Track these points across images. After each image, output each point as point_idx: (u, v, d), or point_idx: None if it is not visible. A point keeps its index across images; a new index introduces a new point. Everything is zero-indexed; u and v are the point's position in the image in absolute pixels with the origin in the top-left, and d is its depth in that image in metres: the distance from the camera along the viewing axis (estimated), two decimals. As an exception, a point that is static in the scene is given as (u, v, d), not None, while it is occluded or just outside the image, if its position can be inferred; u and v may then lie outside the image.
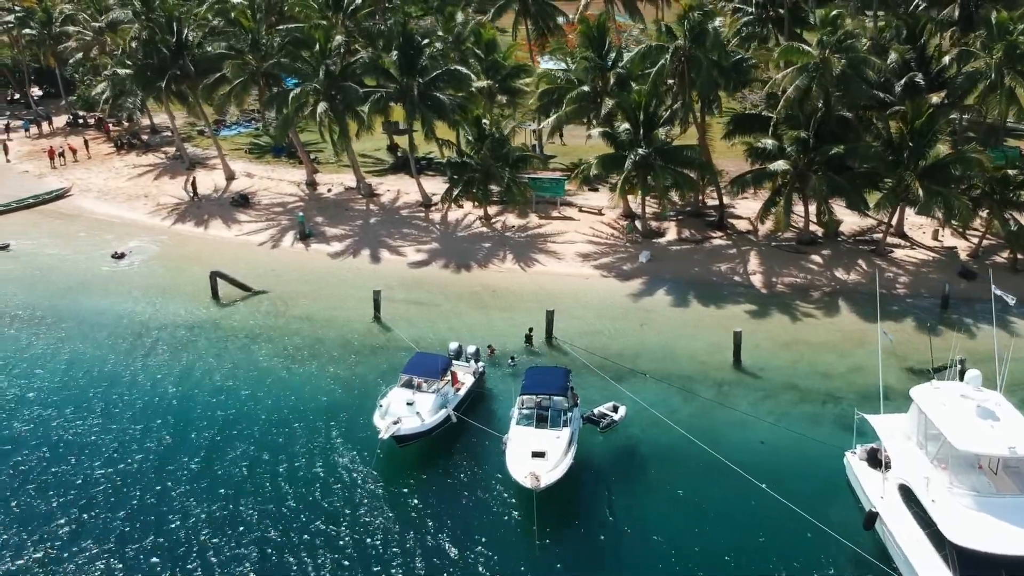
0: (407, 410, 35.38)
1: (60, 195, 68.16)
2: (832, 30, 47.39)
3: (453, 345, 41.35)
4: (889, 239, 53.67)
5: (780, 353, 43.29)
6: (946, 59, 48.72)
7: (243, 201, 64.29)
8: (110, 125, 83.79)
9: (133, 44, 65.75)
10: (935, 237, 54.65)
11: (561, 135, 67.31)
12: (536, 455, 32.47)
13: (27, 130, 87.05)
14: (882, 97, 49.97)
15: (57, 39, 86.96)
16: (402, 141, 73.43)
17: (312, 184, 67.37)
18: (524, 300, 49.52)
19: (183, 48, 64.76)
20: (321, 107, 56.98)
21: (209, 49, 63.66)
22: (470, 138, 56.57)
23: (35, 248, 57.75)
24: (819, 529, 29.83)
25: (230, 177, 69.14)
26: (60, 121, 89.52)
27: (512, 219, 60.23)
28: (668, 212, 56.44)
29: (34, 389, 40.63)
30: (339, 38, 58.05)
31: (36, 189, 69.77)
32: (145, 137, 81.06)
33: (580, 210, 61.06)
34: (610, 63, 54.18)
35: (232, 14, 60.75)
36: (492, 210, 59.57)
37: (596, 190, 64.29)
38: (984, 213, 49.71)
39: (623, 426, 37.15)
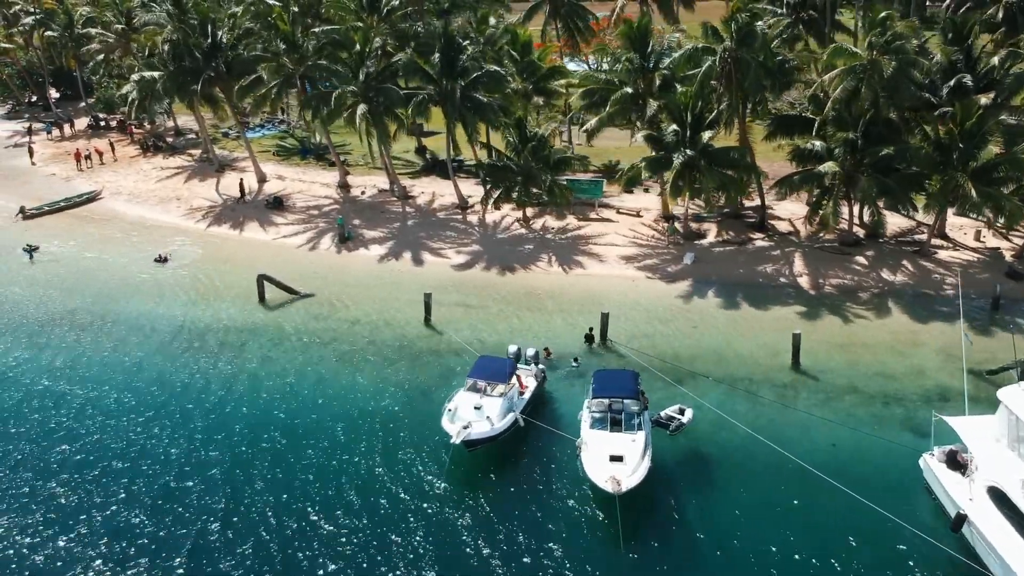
0: (475, 414, 35.25)
1: (91, 198, 67.94)
2: (881, 32, 47.31)
3: (512, 348, 41.19)
4: (931, 240, 53.67)
5: (836, 355, 43.20)
6: (995, 60, 48.60)
7: (278, 204, 64.09)
8: (133, 127, 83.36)
9: (165, 46, 65.24)
10: (977, 238, 54.70)
11: (590, 137, 67.20)
12: (614, 459, 32.36)
13: (49, 132, 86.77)
14: (928, 98, 49.88)
15: (78, 41, 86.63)
16: (430, 143, 73.53)
17: (345, 186, 67.20)
18: (572, 302, 49.43)
19: (216, 50, 64.47)
20: (361, 109, 56.78)
21: (243, 52, 63.30)
22: (510, 139, 56.32)
23: (75, 251, 57.54)
24: (905, 531, 29.83)
25: (261, 179, 68.94)
26: (81, 124, 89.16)
27: (550, 221, 60.21)
28: (708, 213, 56.23)
29: (100, 395, 40.42)
30: (378, 40, 57.86)
31: (65, 192, 69.66)
32: (170, 139, 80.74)
33: (618, 212, 61.01)
34: (652, 64, 53.90)
35: (270, 17, 60.29)
36: (530, 212, 59.49)
37: (631, 192, 64.47)
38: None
39: (690, 428, 37.01)
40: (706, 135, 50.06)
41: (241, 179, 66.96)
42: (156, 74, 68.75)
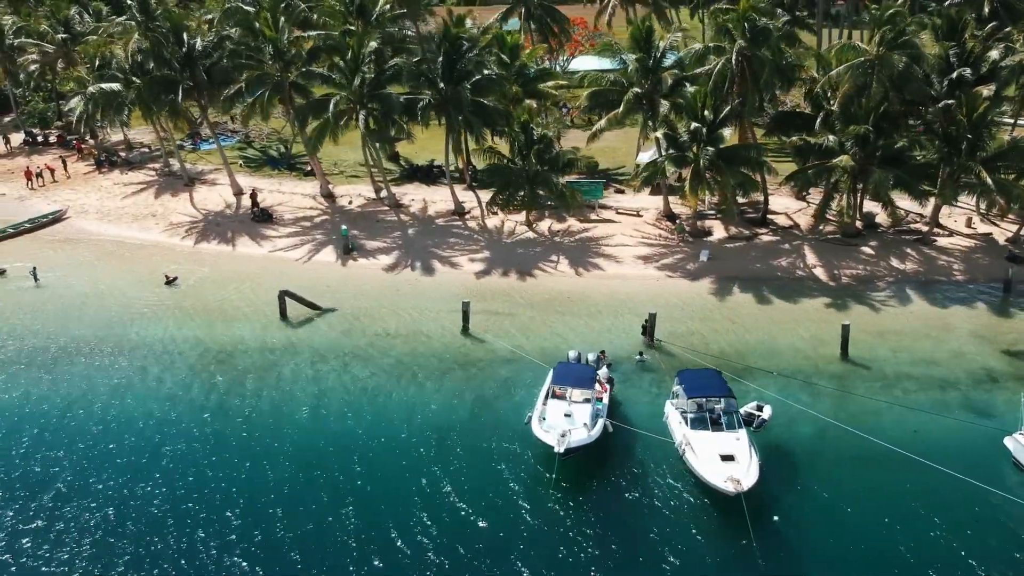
0: (568, 422, 34.63)
1: (56, 218, 63.87)
2: (892, 27, 48.85)
3: (572, 353, 40.73)
4: (926, 228, 55.72)
5: (877, 343, 44.28)
6: (993, 53, 50.81)
7: (266, 216, 61.62)
8: (80, 143, 78.74)
9: (137, 56, 61.92)
10: (968, 225, 57.07)
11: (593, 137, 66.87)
12: (725, 458, 32.32)
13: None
14: (929, 92, 51.77)
15: (9, 53, 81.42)
16: (402, 149, 71.94)
17: (329, 196, 65.18)
18: (602, 304, 49.28)
19: (191, 59, 61.54)
20: (362, 116, 55.19)
21: (225, 60, 60.57)
22: (517, 142, 55.70)
23: (61, 277, 53.74)
24: (1015, 505, 30.71)
25: (238, 193, 66.16)
26: (15, 140, 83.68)
27: (553, 224, 59.80)
28: (721, 211, 56.92)
29: (139, 424, 37.97)
30: (373, 44, 56.28)
31: (22, 213, 65.33)
32: (123, 154, 76.68)
33: (617, 212, 61.11)
34: (659, 64, 54.20)
35: (256, 23, 57.88)
36: (530, 215, 59.00)
37: (623, 192, 64.79)
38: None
39: (771, 424, 37.23)
40: (727, 132, 50.58)
41: (253, 190, 64.02)
42: (115, 86, 65.41)
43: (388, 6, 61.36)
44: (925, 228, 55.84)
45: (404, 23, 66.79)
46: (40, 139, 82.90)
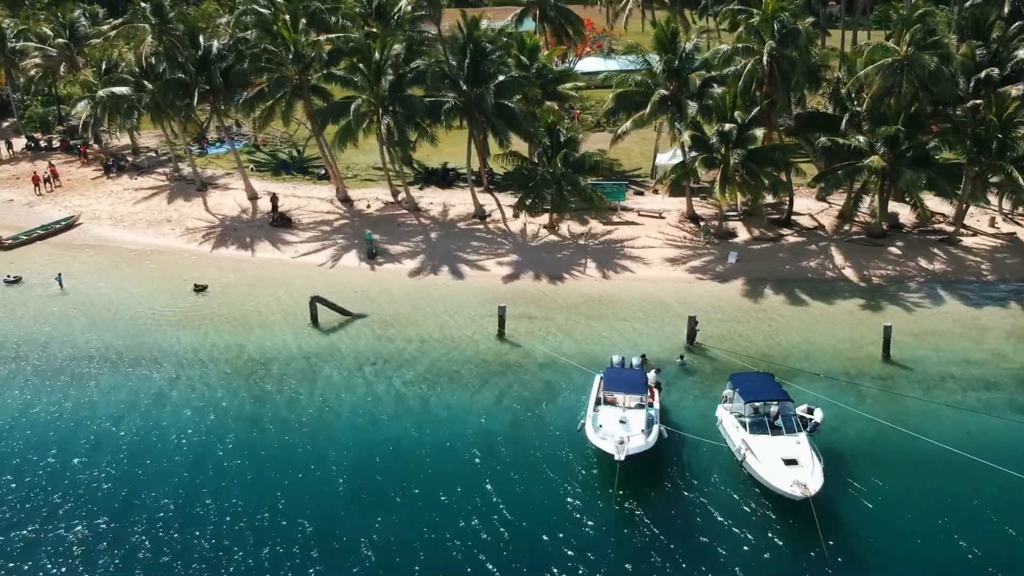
0: (624, 428, 34.21)
1: (69, 224, 62.85)
2: (921, 27, 48.84)
3: (616, 358, 40.33)
4: (950, 228, 55.79)
5: (915, 344, 44.17)
6: (1021, 52, 50.89)
7: (285, 221, 60.89)
8: (86, 148, 77.58)
9: (152, 59, 61.07)
10: (991, 224, 57.20)
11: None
12: (789, 463, 32.05)
13: (-18, 156, 79.76)
14: (957, 92, 51.83)
15: (11, 57, 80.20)
16: (413, 152, 71.30)
17: (346, 200, 64.51)
18: (634, 307, 48.95)
19: (207, 62, 60.75)
20: (385, 120, 54.64)
21: (244, 63, 59.74)
22: (543, 145, 55.33)
23: (85, 284, 52.69)
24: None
25: (253, 197, 65.39)
26: (17, 145, 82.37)
27: (574, 226, 59.46)
28: (751, 210, 56.78)
29: (187, 434, 37.27)
30: (397, 47, 55.72)
31: (33, 219, 64.30)
32: (131, 159, 75.63)
33: (639, 214, 60.84)
34: (685, 66, 53.97)
35: (275, 26, 57.17)
36: (554, 218, 58.63)
37: (642, 193, 64.57)
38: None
39: (822, 426, 36.99)
40: (758, 132, 50.41)
41: (273, 194, 63.11)
42: (125, 90, 64.54)
43: (410, 7, 60.70)
44: (949, 228, 55.95)
45: (421, 25, 66.15)
46: (43, 144, 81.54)
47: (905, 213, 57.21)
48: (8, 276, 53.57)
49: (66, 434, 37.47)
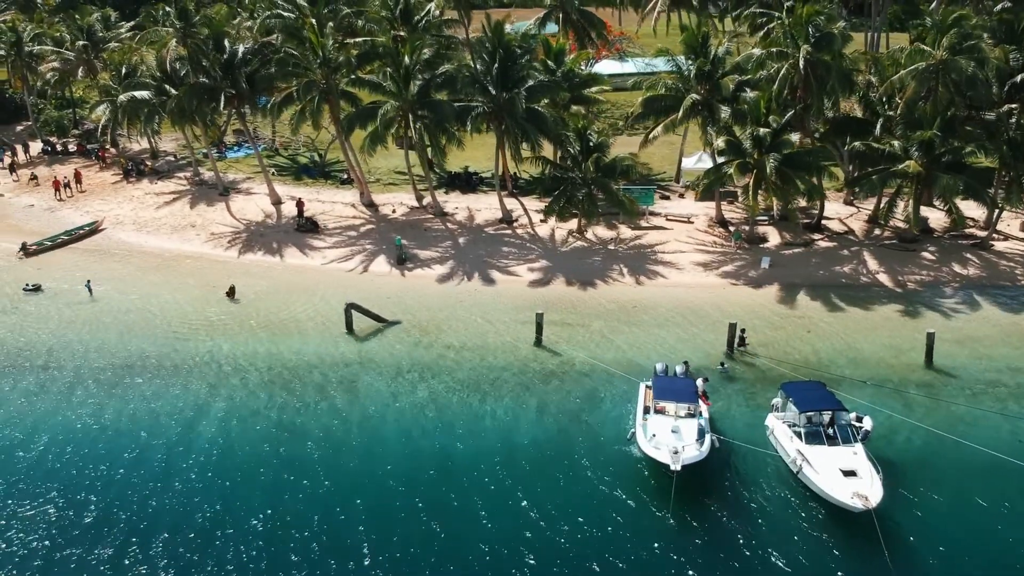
0: (677, 438, 33.90)
1: (93, 230, 62.45)
2: (957, 31, 48.60)
3: (659, 366, 39.98)
4: (982, 232, 55.54)
5: (957, 350, 43.94)
6: (1058, 57, 50.83)
7: (312, 226, 60.51)
8: (105, 152, 77.16)
9: (176, 64, 60.72)
10: (1022, 229, 56.94)
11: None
12: (847, 474, 31.75)
13: (0, 160, 79.26)
14: (991, 97, 51.60)
15: (28, 60, 79.71)
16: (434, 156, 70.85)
17: (371, 205, 64.13)
18: (670, 313, 48.67)
19: (232, 66, 60.39)
20: (415, 126, 54.33)
21: (270, 68, 59.40)
22: (572, 150, 55.05)
23: (115, 291, 52.23)
24: None
25: (277, 202, 65.01)
26: (33, 149, 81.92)
27: (602, 231, 59.15)
28: (759, 217, 56.60)
29: (230, 444, 36.92)
30: (427, 51, 55.39)
31: (55, 224, 63.89)
32: (150, 163, 75.18)
33: (667, 219, 60.56)
34: (717, 70, 53.66)
35: (303, 30, 56.82)
36: (582, 223, 58.33)
37: (668, 198, 64.30)
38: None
39: (872, 434, 36.70)
40: (794, 137, 50.15)
41: (299, 199, 62.68)
42: (146, 94, 64.20)
43: (438, 11, 60.38)
44: (981, 233, 55.73)
45: (447, 29, 65.80)
46: (60, 148, 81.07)
47: (935, 217, 57.05)
48: (27, 284, 52.97)
49: (112, 444, 37.12)
